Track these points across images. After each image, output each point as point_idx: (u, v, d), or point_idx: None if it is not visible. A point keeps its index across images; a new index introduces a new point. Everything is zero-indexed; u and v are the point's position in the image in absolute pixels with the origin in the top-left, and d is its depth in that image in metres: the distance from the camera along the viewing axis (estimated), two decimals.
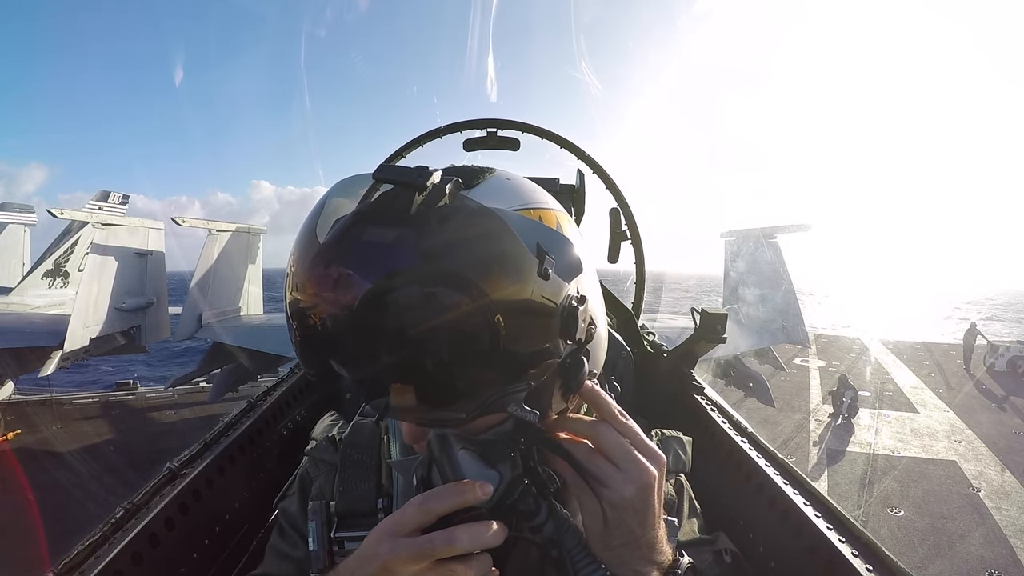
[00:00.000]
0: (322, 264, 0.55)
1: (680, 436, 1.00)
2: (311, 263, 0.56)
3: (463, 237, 0.55)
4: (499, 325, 0.54)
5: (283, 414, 1.61)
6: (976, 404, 15.27)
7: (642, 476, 0.65)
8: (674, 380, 1.72)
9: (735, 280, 15.25)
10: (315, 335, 0.56)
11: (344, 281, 0.53)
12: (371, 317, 0.52)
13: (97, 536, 0.92)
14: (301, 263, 0.58)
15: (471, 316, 0.53)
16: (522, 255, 0.57)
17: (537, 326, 0.58)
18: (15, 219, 19.58)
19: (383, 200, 0.58)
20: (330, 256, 0.55)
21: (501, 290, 0.54)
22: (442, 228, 0.54)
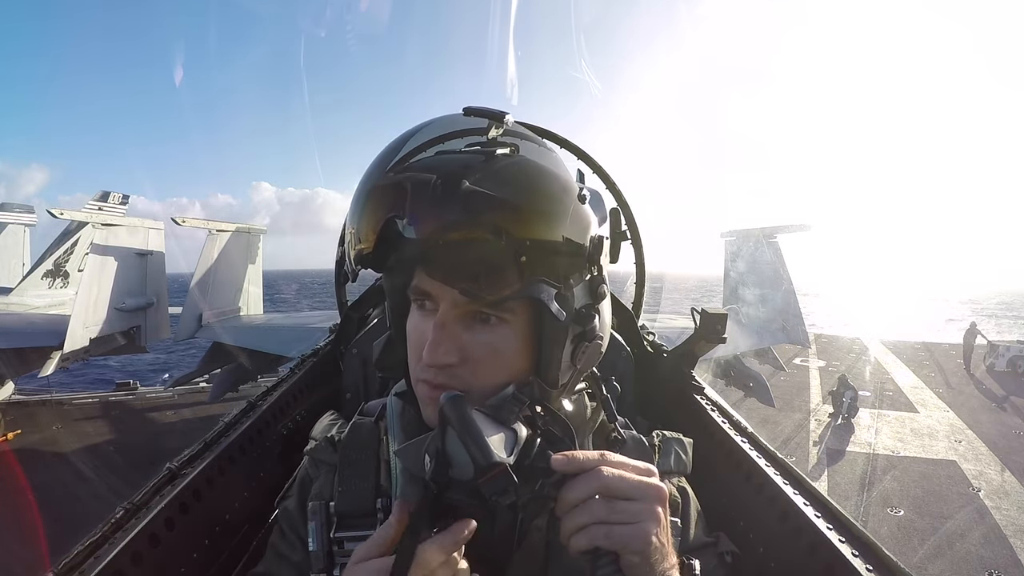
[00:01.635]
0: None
1: (681, 438, 1.00)
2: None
3: (527, 159, 0.73)
4: (545, 222, 0.70)
5: (283, 414, 1.61)
6: (976, 404, 15.28)
7: (662, 495, 0.68)
8: (674, 380, 1.72)
9: (735, 280, 15.27)
10: (391, 198, 0.69)
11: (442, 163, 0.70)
12: (450, 184, 0.66)
13: (97, 536, 0.91)
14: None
15: (527, 206, 0.69)
16: (569, 179, 0.75)
17: (575, 236, 0.72)
18: (15, 219, 19.60)
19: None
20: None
21: (551, 199, 0.71)
22: (512, 144, 0.73)
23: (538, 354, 0.76)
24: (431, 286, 0.74)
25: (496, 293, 0.71)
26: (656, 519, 0.66)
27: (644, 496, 0.66)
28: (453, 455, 0.63)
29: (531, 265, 0.70)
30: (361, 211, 0.73)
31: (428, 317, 0.76)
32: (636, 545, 0.65)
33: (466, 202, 0.66)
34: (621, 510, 0.65)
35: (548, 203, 0.71)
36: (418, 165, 0.70)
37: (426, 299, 0.76)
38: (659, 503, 0.67)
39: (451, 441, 0.64)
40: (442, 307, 0.74)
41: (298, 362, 1.96)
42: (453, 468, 0.64)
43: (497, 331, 0.75)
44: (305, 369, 1.86)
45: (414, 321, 0.79)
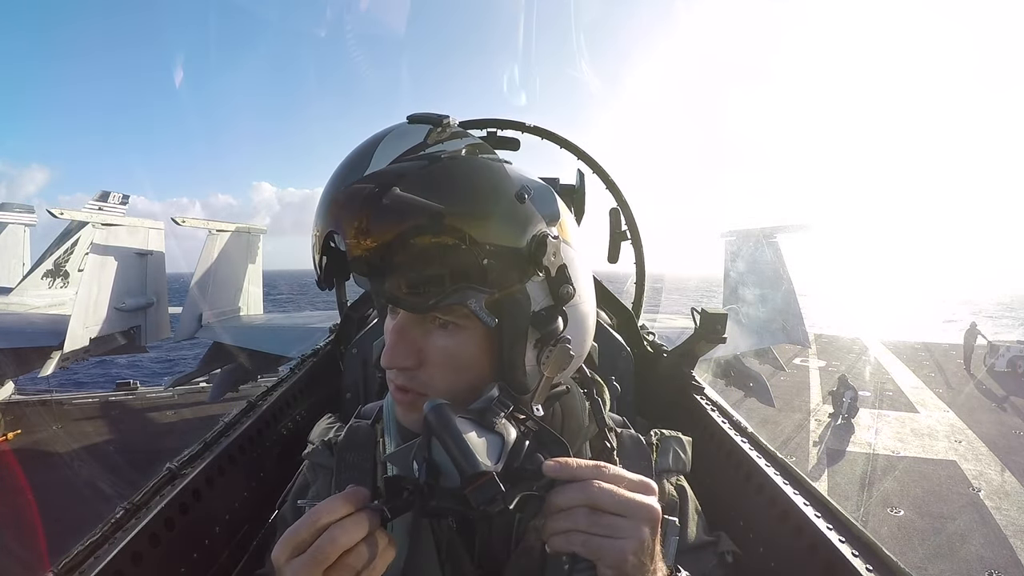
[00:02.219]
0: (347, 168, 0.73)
1: (680, 436, 1.00)
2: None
3: (462, 158, 0.72)
4: (471, 226, 0.67)
5: (283, 414, 1.60)
6: (976, 404, 15.28)
7: (651, 514, 0.66)
8: (674, 380, 1.72)
9: (735, 280, 15.27)
10: (330, 219, 0.70)
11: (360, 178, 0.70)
12: (377, 194, 0.66)
13: (97, 536, 0.91)
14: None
15: (450, 212, 0.66)
16: (506, 179, 0.72)
17: (505, 238, 0.70)
18: (15, 219, 19.60)
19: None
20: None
21: (479, 199, 0.70)
22: (445, 148, 0.73)
23: (499, 359, 0.75)
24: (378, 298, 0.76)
25: (421, 301, 0.69)
26: (637, 538, 0.65)
27: (630, 513, 0.65)
28: (440, 464, 0.63)
29: (455, 271, 0.68)
30: (315, 227, 0.75)
31: (389, 319, 0.80)
32: (609, 559, 0.64)
33: (386, 210, 0.65)
34: (604, 524, 0.65)
35: (473, 204, 0.69)
36: (362, 178, 0.70)
37: (381, 305, 0.79)
38: (646, 523, 0.66)
39: (436, 450, 0.63)
40: (401, 312, 0.76)
41: (298, 362, 1.96)
42: (441, 476, 0.63)
43: (454, 336, 0.75)
44: (305, 369, 1.86)
45: (387, 324, 0.81)
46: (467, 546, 0.83)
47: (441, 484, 0.63)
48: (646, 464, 0.93)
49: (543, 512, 0.68)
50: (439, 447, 0.63)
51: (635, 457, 0.93)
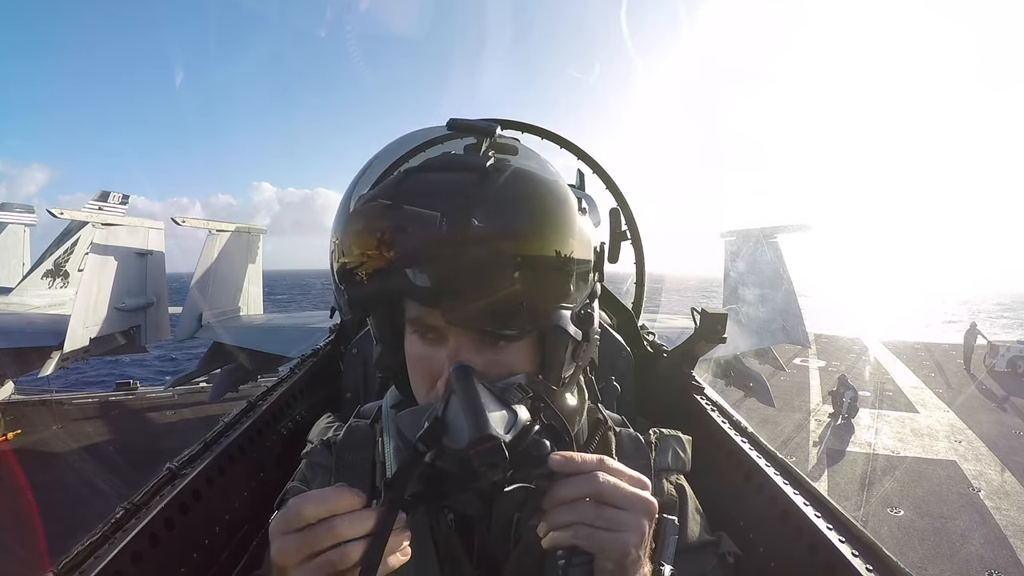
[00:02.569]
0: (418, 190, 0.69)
1: (679, 435, 1.00)
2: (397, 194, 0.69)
3: (529, 175, 0.72)
4: (562, 247, 0.69)
5: (283, 414, 1.60)
6: (976, 404, 15.28)
7: (650, 508, 0.67)
8: (674, 380, 1.72)
9: (735, 280, 15.27)
10: (400, 252, 0.66)
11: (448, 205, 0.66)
12: (457, 225, 0.65)
13: (97, 536, 0.91)
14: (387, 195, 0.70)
15: (539, 238, 0.68)
16: (569, 193, 0.74)
17: (584, 253, 0.73)
18: (15, 219, 19.60)
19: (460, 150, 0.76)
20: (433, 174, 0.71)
21: (563, 220, 0.71)
22: (513, 165, 0.72)
23: (543, 359, 0.77)
24: (439, 322, 0.72)
25: (517, 329, 0.72)
26: (639, 531, 0.66)
27: (633, 507, 0.66)
28: (451, 422, 0.63)
29: (547, 297, 0.71)
30: (361, 252, 0.69)
31: (433, 346, 0.75)
32: (613, 553, 0.65)
33: (477, 247, 0.65)
34: (608, 517, 0.66)
35: (559, 226, 0.70)
36: (417, 199, 0.67)
37: (430, 331, 0.74)
38: (646, 516, 0.67)
39: (452, 409, 0.64)
40: (452, 340, 0.73)
41: (298, 362, 1.96)
42: (448, 435, 0.63)
43: (506, 351, 0.75)
44: (305, 369, 1.86)
45: (417, 350, 0.77)
46: (465, 546, 0.83)
47: (446, 444, 0.63)
48: (644, 463, 0.93)
49: (543, 503, 0.68)
50: (455, 406, 0.64)
51: (633, 456, 0.92)
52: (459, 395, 0.64)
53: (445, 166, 0.72)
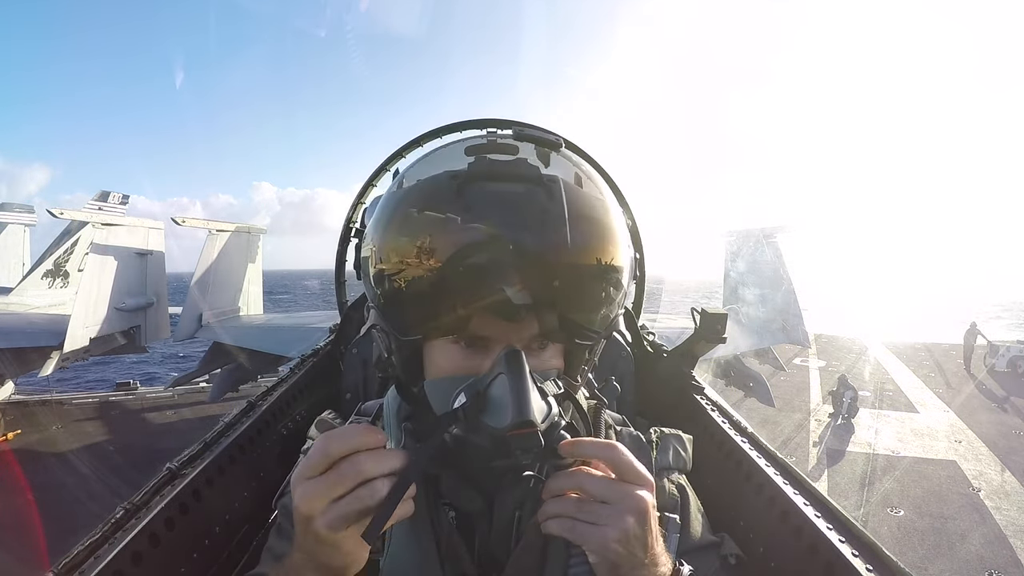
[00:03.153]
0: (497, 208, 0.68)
1: (680, 434, 1.00)
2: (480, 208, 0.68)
3: (591, 189, 0.76)
4: (627, 256, 0.74)
5: (283, 414, 1.61)
6: (976, 404, 15.28)
7: (637, 504, 0.67)
8: (674, 380, 1.72)
9: (735, 280, 15.27)
10: (489, 266, 0.65)
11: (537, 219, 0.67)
12: (550, 246, 0.66)
13: (97, 536, 0.91)
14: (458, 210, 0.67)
15: (614, 252, 0.71)
16: (618, 208, 0.77)
17: (630, 264, 0.76)
18: (15, 219, 19.60)
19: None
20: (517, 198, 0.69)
21: (621, 236, 0.74)
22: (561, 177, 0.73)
23: (570, 358, 0.80)
24: (492, 333, 0.71)
25: (595, 339, 0.77)
26: (619, 527, 0.65)
27: (615, 501, 0.66)
28: (494, 400, 0.66)
29: (617, 301, 0.76)
30: (433, 267, 0.66)
31: (475, 356, 0.74)
32: (592, 545, 0.67)
33: (565, 262, 0.67)
34: (587, 510, 0.67)
35: (619, 242, 0.73)
36: (490, 212, 0.67)
37: (477, 341, 0.73)
38: (630, 512, 0.66)
39: (498, 388, 0.66)
40: (500, 349, 0.72)
41: (298, 362, 1.96)
42: (487, 413, 0.66)
43: (545, 353, 0.77)
44: (305, 369, 1.86)
45: (456, 360, 0.75)
46: (467, 545, 0.83)
47: (483, 419, 0.66)
48: (645, 461, 0.93)
49: (541, 494, 0.71)
50: (502, 385, 0.65)
51: (634, 454, 0.93)
52: (509, 377, 0.65)
53: (502, 175, 0.71)
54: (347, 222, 2.27)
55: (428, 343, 0.77)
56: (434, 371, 0.77)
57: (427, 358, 0.78)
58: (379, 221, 0.74)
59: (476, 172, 0.71)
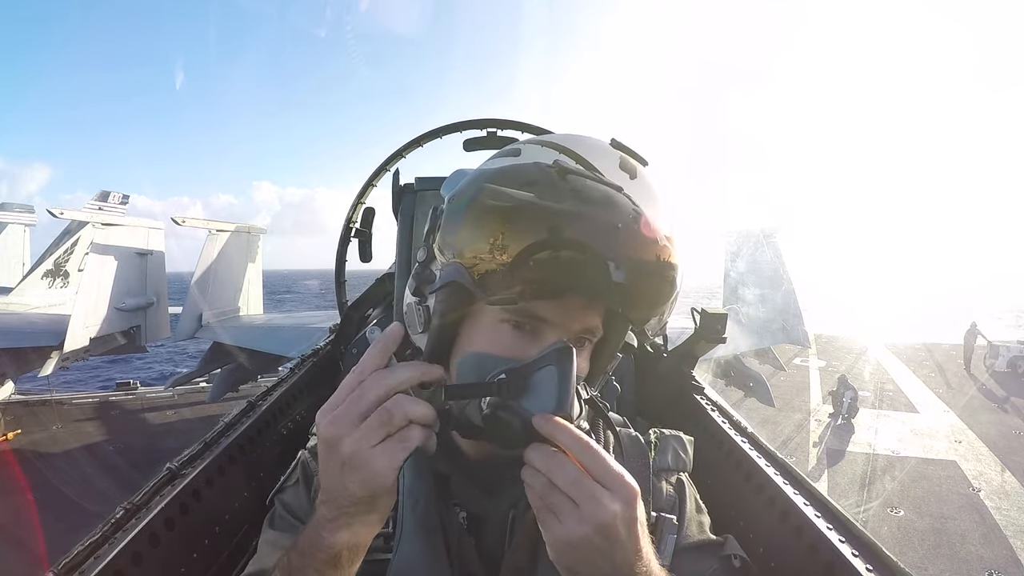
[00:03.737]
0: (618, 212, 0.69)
1: (680, 435, 1.00)
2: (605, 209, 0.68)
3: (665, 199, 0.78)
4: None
5: (283, 414, 1.61)
6: (976, 404, 15.27)
7: (598, 513, 0.60)
8: (674, 380, 1.72)
9: (735, 280, 15.27)
10: (604, 242, 0.66)
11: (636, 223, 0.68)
12: (651, 231, 0.68)
13: (97, 536, 0.91)
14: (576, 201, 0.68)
15: (682, 259, 0.73)
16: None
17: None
18: (15, 219, 19.61)
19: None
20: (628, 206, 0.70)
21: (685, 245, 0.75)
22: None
23: (596, 363, 0.82)
24: (553, 315, 0.72)
25: (646, 338, 0.81)
26: (580, 532, 0.60)
27: (581, 503, 0.61)
28: (537, 387, 0.67)
29: (670, 310, 0.78)
30: (546, 241, 0.66)
31: (525, 339, 0.73)
32: (548, 539, 0.63)
33: (665, 254, 0.70)
34: (553, 501, 0.63)
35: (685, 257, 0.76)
36: (597, 201, 0.68)
37: (533, 323, 0.73)
38: (589, 522, 0.60)
39: (544, 377, 0.67)
40: (555, 335, 0.73)
41: (298, 362, 1.96)
42: (526, 397, 0.67)
43: (584, 352, 0.78)
44: (305, 369, 1.86)
45: (500, 337, 0.74)
46: (477, 546, 0.83)
47: (522, 402, 0.67)
48: (643, 463, 0.93)
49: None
50: (549, 375, 0.67)
51: (633, 456, 0.92)
52: (558, 369, 0.67)
53: (593, 176, 0.72)
54: (347, 222, 2.27)
55: (473, 317, 0.76)
56: (471, 348, 0.76)
57: (466, 333, 0.77)
58: (477, 186, 0.71)
59: (570, 167, 0.71)
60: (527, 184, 0.69)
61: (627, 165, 0.77)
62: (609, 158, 0.77)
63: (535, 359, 0.69)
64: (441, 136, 2.33)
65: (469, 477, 0.85)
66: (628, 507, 0.62)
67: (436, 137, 2.33)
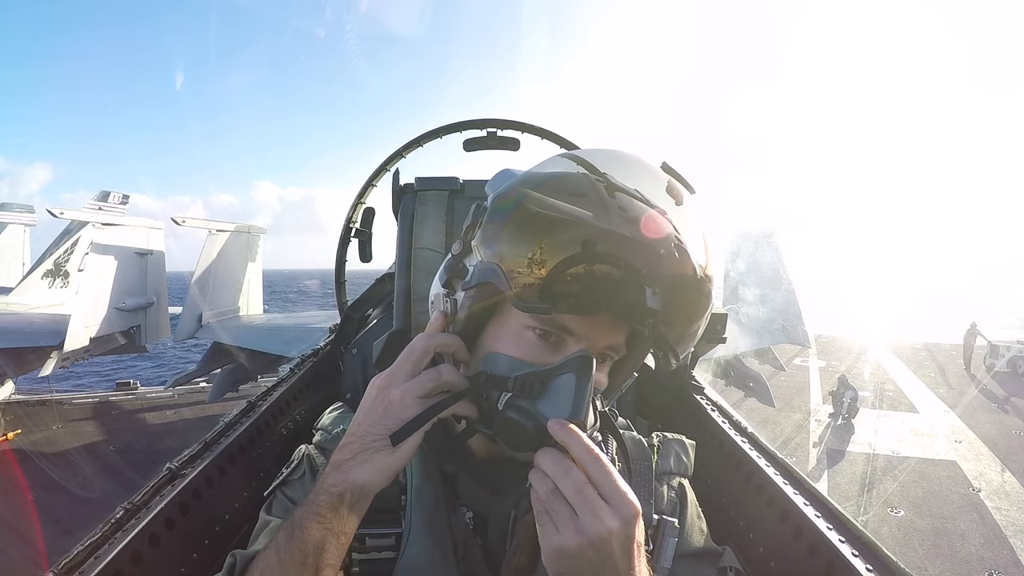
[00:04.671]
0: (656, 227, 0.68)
1: (683, 439, 1.00)
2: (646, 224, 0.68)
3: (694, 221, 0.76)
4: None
5: (283, 414, 1.61)
6: (976, 404, 15.27)
7: (594, 526, 0.60)
8: (674, 380, 1.72)
9: (735, 280, 15.26)
10: (641, 262, 0.66)
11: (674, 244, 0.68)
12: (689, 263, 0.68)
13: (97, 536, 0.91)
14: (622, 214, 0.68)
15: (716, 284, 0.73)
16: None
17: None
18: (15, 219, 19.59)
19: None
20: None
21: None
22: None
23: (614, 378, 0.82)
24: (581, 329, 0.71)
25: (677, 361, 0.78)
26: (576, 542, 0.60)
27: (581, 514, 0.61)
28: (555, 391, 0.68)
29: (697, 336, 0.78)
30: (583, 252, 0.66)
31: (546, 349, 0.73)
32: (543, 544, 0.63)
33: (703, 287, 0.70)
34: (554, 507, 0.63)
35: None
36: (637, 219, 0.67)
37: (556, 332, 0.72)
38: (586, 534, 0.60)
39: (563, 383, 0.68)
40: (579, 346, 0.72)
41: (298, 362, 1.96)
42: (542, 401, 0.69)
43: (604, 368, 0.78)
44: (305, 369, 1.86)
45: (523, 343, 0.74)
46: (482, 546, 0.83)
47: (538, 405, 0.69)
48: (646, 466, 0.93)
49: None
50: (568, 382, 0.68)
51: (635, 459, 0.92)
52: (576, 377, 0.68)
53: (641, 197, 0.71)
54: (347, 222, 2.27)
55: (500, 317, 0.76)
56: (494, 348, 0.76)
57: (491, 332, 0.77)
58: (525, 190, 0.71)
59: (618, 184, 0.70)
60: (574, 195, 0.69)
61: (674, 190, 0.75)
62: (657, 180, 0.75)
63: (556, 365, 0.70)
64: (441, 136, 2.32)
65: (476, 477, 0.86)
66: (626, 525, 0.61)
67: (436, 137, 2.33)
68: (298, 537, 0.67)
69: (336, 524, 0.67)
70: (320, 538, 0.66)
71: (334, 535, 0.67)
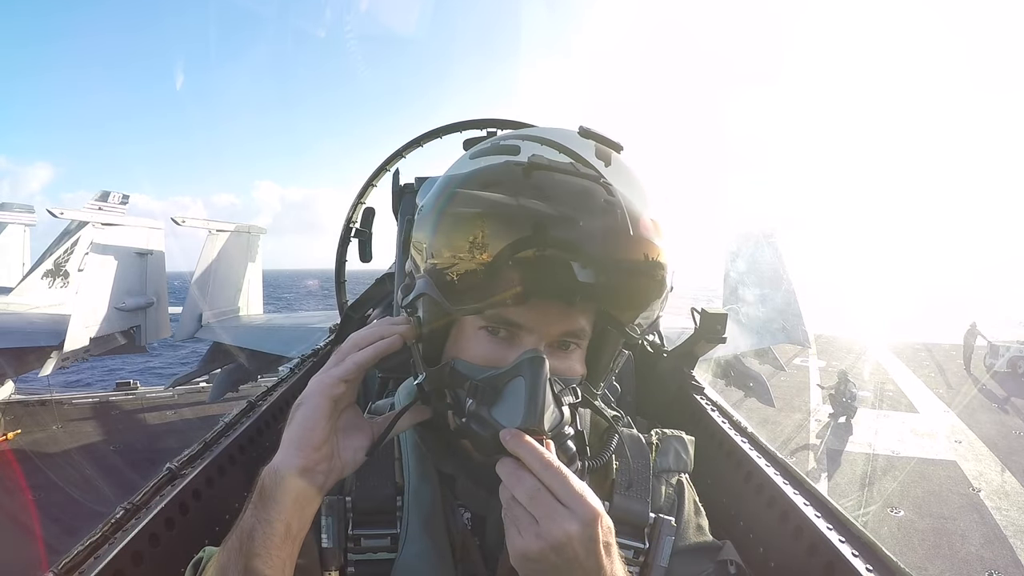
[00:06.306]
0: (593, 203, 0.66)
1: (682, 436, 1.00)
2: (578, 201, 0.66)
3: (646, 189, 0.73)
4: (670, 260, 0.72)
5: (283, 414, 1.60)
6: (976, 404, 15.26)
7: (553, 531, 0.60)
8: (674, 380, 1.72)
9: (735, 280, 15.27)
10: (564, 236, 0.64)
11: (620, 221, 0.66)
12: (624, 229, 0.66)
13: (97, 536, 0.92)
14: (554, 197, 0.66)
15: (666, 251, 0.70)
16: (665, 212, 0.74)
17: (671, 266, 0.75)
18: (15, 219, 19.59)
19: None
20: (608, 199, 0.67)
21: (669, 236, 0.72)
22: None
23: (593, 364, 0.80)
24: (527, 320, 0.70)
25: (642, 333, 0.77)
26: (536, 546, 0.60)
27: (540, 519, 0.61)
28: (507, 397, 0.67)
29: (659, 307, 0.75)
30: (509, 249, 0.64)
31: (503, 346, 0.72)
32: (510, 548, 0.63)
33: (644, 248, 0.67)
34: (515, 513, 0.63)
35: (670, 249, 0.72)
36: (562, 201, 0.65)
37: (508, 328, 0.72)
38: (547, 541, 0.60)
39: (514, 389, 0.67)
40: (531, 339, 0.71)
41: (298, 362, 1.97)
42: (497, 408, 0.67)
43: (572, 355, 0.76)
44: (305, 369, 1.86)
45: (479, 345, 0.74)
46: (480, 546, 0.83)
47: (492, 412, 0.67)
48: (644, 463, 0.93)
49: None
50: (518, 387, 0.66)
51: (634, 456, 0.92)
52: (527, 380, 0.66)
53: (564, 168, 0.69)
54: (347, 222, 2.27)
55: (458, 324, 0.76)
56: (454, 354, 0.77)
57: (453, 339, 0.77)
58: (443, 194, 0.72)
59: (539, 163, 0.68)
60: (489, 186, 0.68)
61: (602, 152, 0.73)
62: (585, 147, 0.73)
63: (505, 370, 0.69)
64: (441, 136, 2.33)
65: (473, 478, 0.85)
66: (586, 528, 0.61)
67: (436, 137, 2.33)
68: (238, 525, 0.69)
69: (261, 511, 0.68)
70: (250, 526, 0.67)
71: (260, 522, 0.67)
